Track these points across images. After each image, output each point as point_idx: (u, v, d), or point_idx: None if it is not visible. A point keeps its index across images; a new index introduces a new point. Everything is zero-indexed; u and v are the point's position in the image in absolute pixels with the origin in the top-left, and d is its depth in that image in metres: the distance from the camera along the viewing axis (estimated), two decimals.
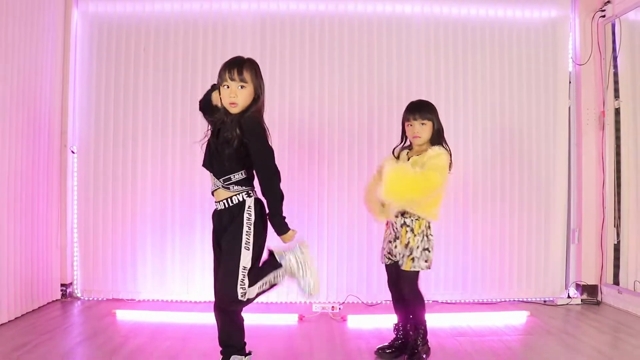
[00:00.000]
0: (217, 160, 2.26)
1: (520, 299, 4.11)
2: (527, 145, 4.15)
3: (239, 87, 2.22)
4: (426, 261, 2.66)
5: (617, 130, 4.05)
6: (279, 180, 2.22)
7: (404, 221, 2.66)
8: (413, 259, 2.64)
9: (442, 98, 4.10)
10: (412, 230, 2.65)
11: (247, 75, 2.23)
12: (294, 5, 4.10)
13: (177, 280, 4.05)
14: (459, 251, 4.10)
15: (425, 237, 2.66)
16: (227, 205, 2.28)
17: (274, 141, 2.38)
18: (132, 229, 4.05)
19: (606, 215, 4.06)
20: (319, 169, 4.09)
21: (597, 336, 3.23)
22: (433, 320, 3.55)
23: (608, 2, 4.03)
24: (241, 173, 2.25)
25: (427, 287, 3.87)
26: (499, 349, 2.94)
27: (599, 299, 4.06)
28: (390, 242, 2.73)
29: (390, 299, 2.86)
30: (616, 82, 4.05)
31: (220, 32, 4.09)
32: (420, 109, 2.72)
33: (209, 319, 3.55)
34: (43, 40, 3.76)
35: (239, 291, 2.17)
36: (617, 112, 4.04)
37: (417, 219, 2.64)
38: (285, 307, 3.91)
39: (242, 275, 2.19)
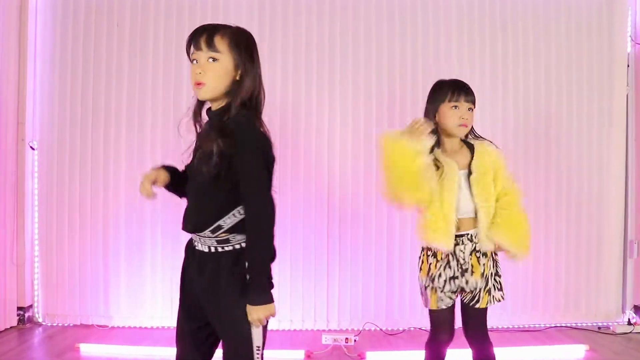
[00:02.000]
0: (193, 191, 1.58)
1: (570, 325, 3.47)
2: (576, 141, 3.51)
3: (209, 60, 1.51)
4: (501, 289, 2.04)
5: None
6: (273, 221, 1.46)
7: (474, 246, 1.99)
8: (489, 292, 1.99)
9: (476, 87, 3.38)
10: (484, 255, 2.00)
11: (221, 43, 1.51)
12: None
13: (158, 303, 3.38)
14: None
15: (493, 260, 2.02)
16: (212, 250, 1.52)
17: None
18: (104, 241, 3.39)
19: None
20: (329, 176, 3.43)
21: None
22: (469, 356, 2.93)
23: None
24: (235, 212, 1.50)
25: (457, 311, 3.22)
26: None
27: None
28: (455, 278, 2.02)
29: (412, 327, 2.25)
30: None
31: (210, 12, 3.40)
32: (467, 89, 2.05)
33: None
34: None
35: None
36: None
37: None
38: (288, 338, 3.24)
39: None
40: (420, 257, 2.07)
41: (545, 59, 3.49)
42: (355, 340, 3.07)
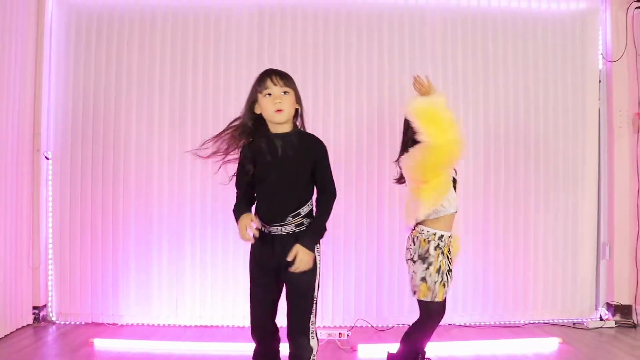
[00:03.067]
0: (283, 195, 2.06)
1: (546, 321, 3.71)
2: (553, 151, 3.76)
3: (282, 93, 2.05)
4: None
5: None
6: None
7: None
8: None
9: (459, 97, 3.69)
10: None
11: (289, 81, 2.09)
12: None
13: (164, 303, 3.61)
14: (478, 268, 3.69)
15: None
16: (290, 232, 2.09)
17: None
18: (114, 244, 3.61)
19: None
20: None
21: None
22: (453, 348, 3.18)
23: None
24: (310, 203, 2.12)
25: None
26: None
27: (635, 320, 3.67)
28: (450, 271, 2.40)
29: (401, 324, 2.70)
30: None
31: (212, 24, 3.65)
32: None
33: (202, 348, 3.15)
34: (12, 31, 3.30)
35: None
36: None
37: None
38: (283, 331, 3.47)
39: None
40: (425, 256, 2.31)
41: (524, 75, 3.74)
42: (348, 335, 3.32)
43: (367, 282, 3.64)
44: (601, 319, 3.71)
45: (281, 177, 2.03)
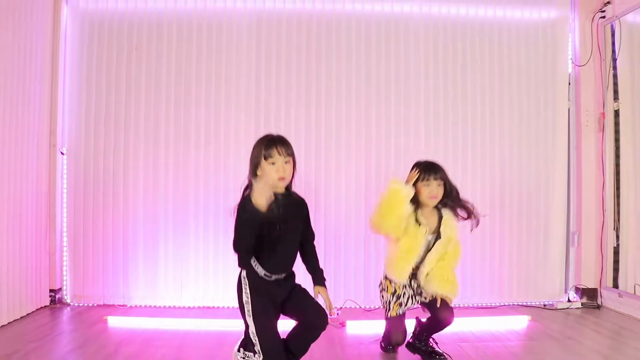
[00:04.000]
0: (288, 248, 2.35)
1: (520, 303, 4.06)
2: (526, 147, 4.11)
3: (285, 163, 2.25)
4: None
5: (617, 132, 4.02)
6: None
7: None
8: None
9: (440, 99, 4.04)
10: None
11: (290, 150, 2.29)
12: (291, 5, 4.02)
13: (170, 286, 3.94)
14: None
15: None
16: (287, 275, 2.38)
17: None
18: (123, 232, 3.94)
19: (606, 218, 4.02)
20: (315, 172, 4.01)
21: (600, 340, 3.20)
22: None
23: (608, 3, 3.99)
24: None
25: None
26: (502, 355, 2.88)
27: (599, 302, 4.02)
28: (415, 295, 2.78)
29: None
30: (615, 84, 4.02)
31: (214, 31, 3.99)
32: (437, 169, 2.72)
33: (204, 325, 3.48)
34: (32, 37, 3.64)
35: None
36: (617, 113, 4.01)
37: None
38: None
39: None
40: (383, 282, 2.81)
41: (499, 78, 4.09)
42: (337, 314, 3.65)
43: (355, 266, 3.98)
44: (569, 301, 4.05)
45: (285, 235, 2.26)
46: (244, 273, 2.30)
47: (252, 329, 2.21)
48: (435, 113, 4.05)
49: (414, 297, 2.74)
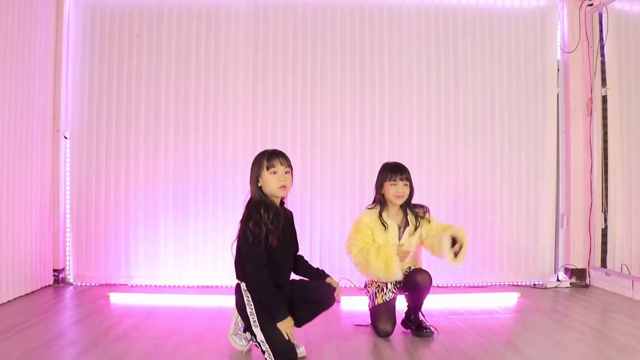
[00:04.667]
0: (287, 259, 2.48)
1: (510, 283, 4.16)
2: (517, 132, 4.22)
3: (285, 172, 2.37)
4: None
5: (605, 117, 4.12)
6: None
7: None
8: None
9: (432, 86, 4.16)
10: None
11: (289, 162, 2.42)
12: None
13: (170, 266, 4.05)
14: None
15: None
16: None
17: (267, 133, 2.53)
18: (125, 214, 4.05)
19: (594, 200, 4.13)
20: (311, 156, 4.14)
21: (587, 314, 3.30)
22: (425, 301, 3.60)
23: None
24: None
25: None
26: (492, 326, 2.98)
27: (588, 282, 4.13)
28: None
29: None
30: (603, 71, 4.13)
31: (214, 18, 4.12)
32: (403, 170, 2.88)
33: (203, 301, 3.59)
34: (35, 24, 3.75)
35: None
36: (605, 99, 4.11)
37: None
38: None
39: None
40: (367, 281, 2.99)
41: (489, 64, 4.21)
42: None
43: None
44: (558, 280, 4.16)
45: (285, 248, 2.41)
46: (243, 285, 2.35)
47: (260, 337, 2.27)
48: (428, 100, 4.17)
49: (395, 286, 2.87)
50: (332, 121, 4.13)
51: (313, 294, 2.45)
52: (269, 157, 2.37)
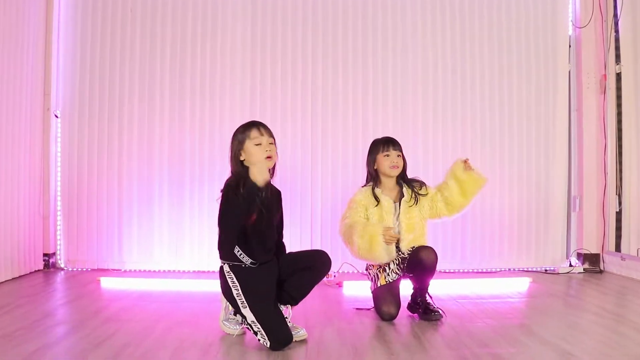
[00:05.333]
0: (272, 232, 2.28)
1: (521, 268, 3.99)
2: (526, 111, 4.04)
3: (269, 143, 2.20)
4: None
5: (619, 95, 3.96)
6: None
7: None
8: None
9: (439, 63, 3.99)
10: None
11: (271, 133, 2.24)
12: None
13: (165, 251, 3.89)
14: (457, 220, 3.93)
15: None
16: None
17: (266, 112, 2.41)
18: (118, 197, 3.89)
19: (608, 182, 3.96)
20: (312, 141, 3.98)
21: (602, 297, 3.15)
22: (431, 287, 3.43)
23: None
24: None
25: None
26: (503, 310, 2.82)
27: (602, 267, 3.95)
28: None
29: None
30: (617, 47, 3.96)
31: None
32: (395, 142, 2.75)
33: (198, 285, 3.42)
34: None
35: None
36: (619, 76, 3.94)
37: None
38: None
39: None
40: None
41: (498, 41, 4.03)
42: (334, 276, 3.60)
43: None
44: (571, 266, 3.98)
45: (270, 224, 2.23)
46: (226, 267, 2.21)
47: (250, 318, 2.11)
48: (434, 78, 4.00)
49: (399, 266, 2.68)
50: (333, 118, 3.97)
51: (303, 261, 2.29)
52: (248, 127, 2.21)
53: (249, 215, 2.10)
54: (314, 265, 2.28)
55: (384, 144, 2.73)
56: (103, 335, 2.24)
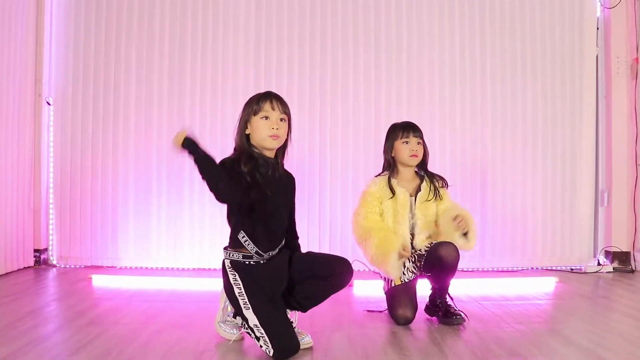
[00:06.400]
0: (279, 217, 2.01)
1: (545, 267, 3.71)
2: (551, 98, 3.76)
3: (280, 120, 1.93)
4: None
5: None
6: None
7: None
8: None
9: (456, 47, 3.72)
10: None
11: (287, 108, 1.97)
12: None
13: (162, 247, 3.65)
14: (476, 215, 3.63)
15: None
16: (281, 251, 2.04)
17: None
18: (113, 189, 3.66)
19: (639, 174, 3.67)
20: (320, 137, 3.72)
21: (635, 298, 2.89)
22: (451, 287, 3.18)
23: None
24: None
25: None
26: (531, 312, 2.54)
27: (633, 266, 3.66)
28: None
29: None
30: None
31: None
32: (415, 127, 2.49)
33: (195, 284, 3.17)
34: None
35: None
36: None
37: None
38: None
39: None
40: None
41: (521, 22, 3.75)
42: None
43: None
44: (599, 264, 3.70)
45: (277, 209, 1.99)
46: (227, 262, 1.97)
47: (253, 321, 1.85)
48: (452, 64, 3.73)
49: (415, 264, 2.41)
50: (344, 116, 3.71)
51: (324, 268, 1.97)
52: (259, 99, 1.94)
53: (248, 186, 1.85)
54: (333, 275, 1.97)
55: (403, 130, 2.46)
56: (83, 340, 2.00)
